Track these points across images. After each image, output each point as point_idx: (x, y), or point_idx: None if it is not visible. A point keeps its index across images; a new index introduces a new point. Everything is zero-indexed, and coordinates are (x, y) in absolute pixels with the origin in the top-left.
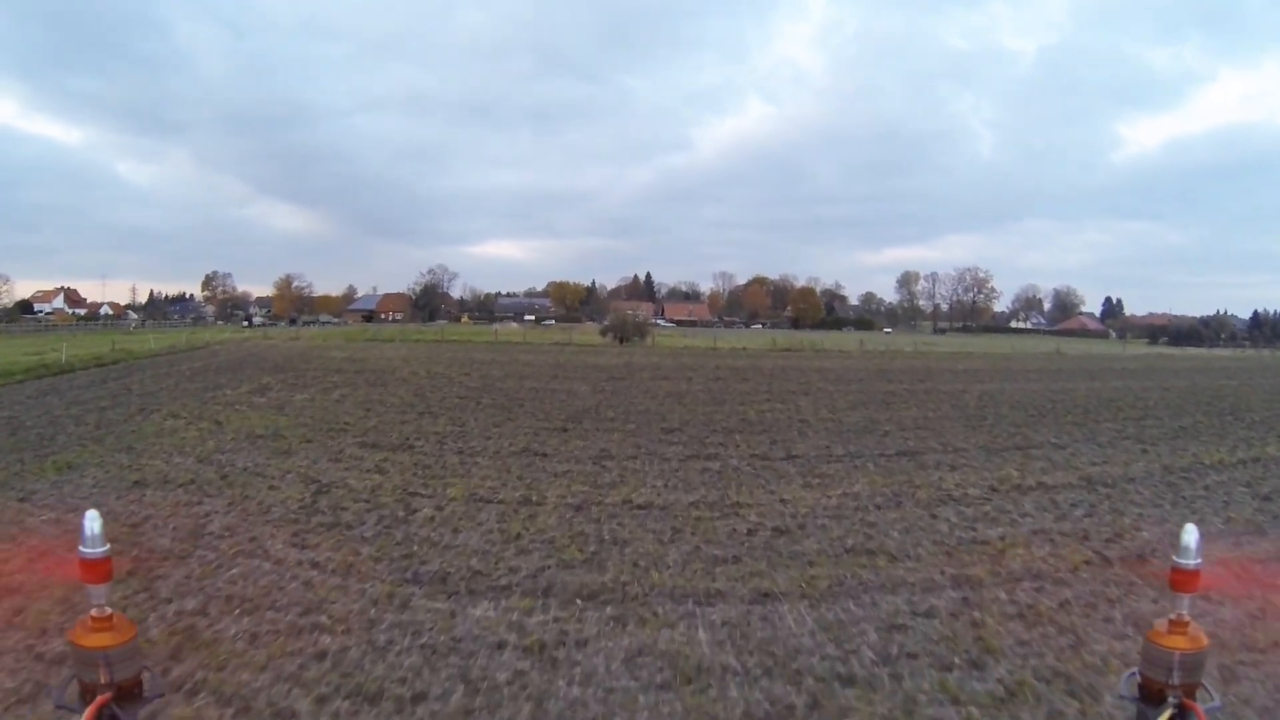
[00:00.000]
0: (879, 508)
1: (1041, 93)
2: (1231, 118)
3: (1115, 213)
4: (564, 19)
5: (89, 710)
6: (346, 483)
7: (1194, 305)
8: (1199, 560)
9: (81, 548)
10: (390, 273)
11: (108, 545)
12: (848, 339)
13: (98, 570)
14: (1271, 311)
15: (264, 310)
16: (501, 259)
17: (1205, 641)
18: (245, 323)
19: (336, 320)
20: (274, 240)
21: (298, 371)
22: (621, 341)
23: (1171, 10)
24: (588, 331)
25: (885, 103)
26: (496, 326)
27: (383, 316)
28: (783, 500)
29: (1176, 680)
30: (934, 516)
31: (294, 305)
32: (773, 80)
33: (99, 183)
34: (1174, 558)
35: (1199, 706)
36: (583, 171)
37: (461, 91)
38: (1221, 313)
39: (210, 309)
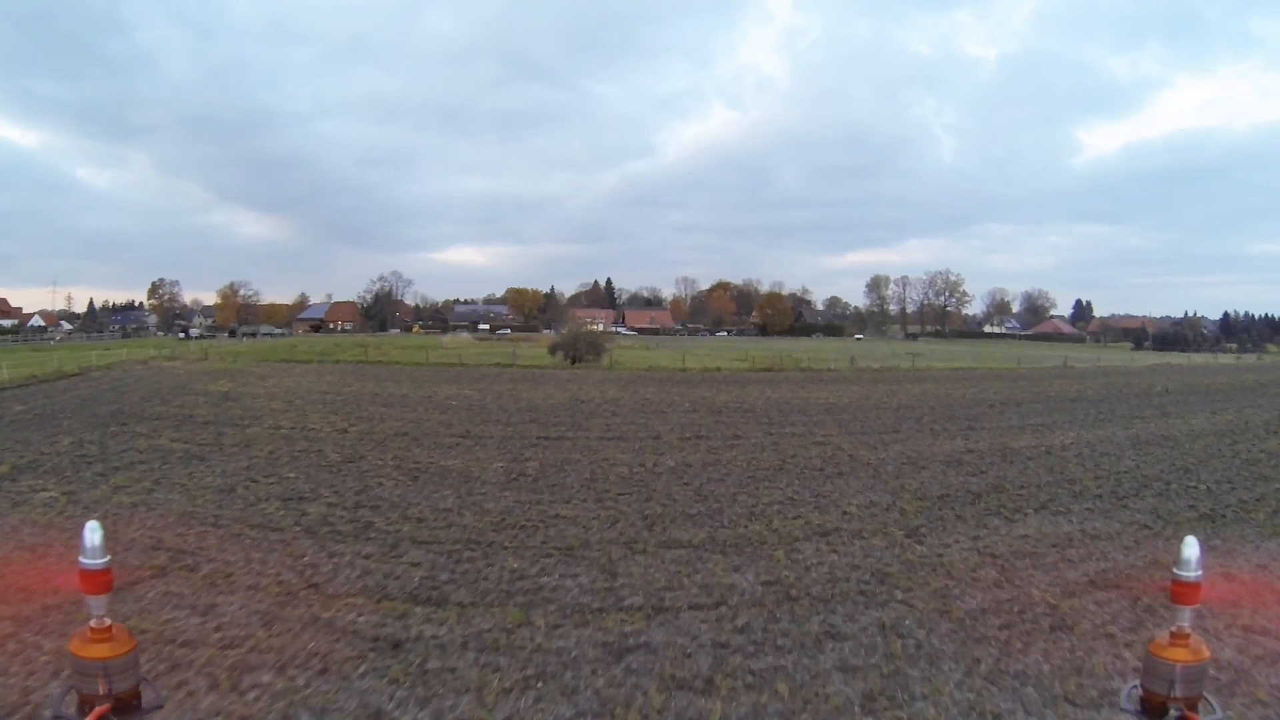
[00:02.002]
0: None
1: (1003, 99)
2: (1189, 124)
3: (1076, 216)
4: (531, 24)
5: None
6: None
7: (1154, 306)
8: (1199, 573)
9: (81, 559)
10: (352, 280)
11: (108, 556)
12: (822, 347)
13: (97, 581)
14: (1241, 313)
15: (209, 320)
16: (464, 265)
17: (1207, 654)
18: (181, 334)
19: (280, 331)
20: (235, 248)
21: (131, 421)
22: (574, 361)
23: (1130, 18)
24: (540, 344)
25: (849, 108)
26: (446, 338)
27: (331, 326)
28: None
29: (1178, 693)
30: None
31: (239, 315)
32: (737, 86)
33: (57, 188)
34: (1174, 570)
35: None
36: (548, 177)
37: (428, 97)
38: (1191, 314)
39: (153, 319)
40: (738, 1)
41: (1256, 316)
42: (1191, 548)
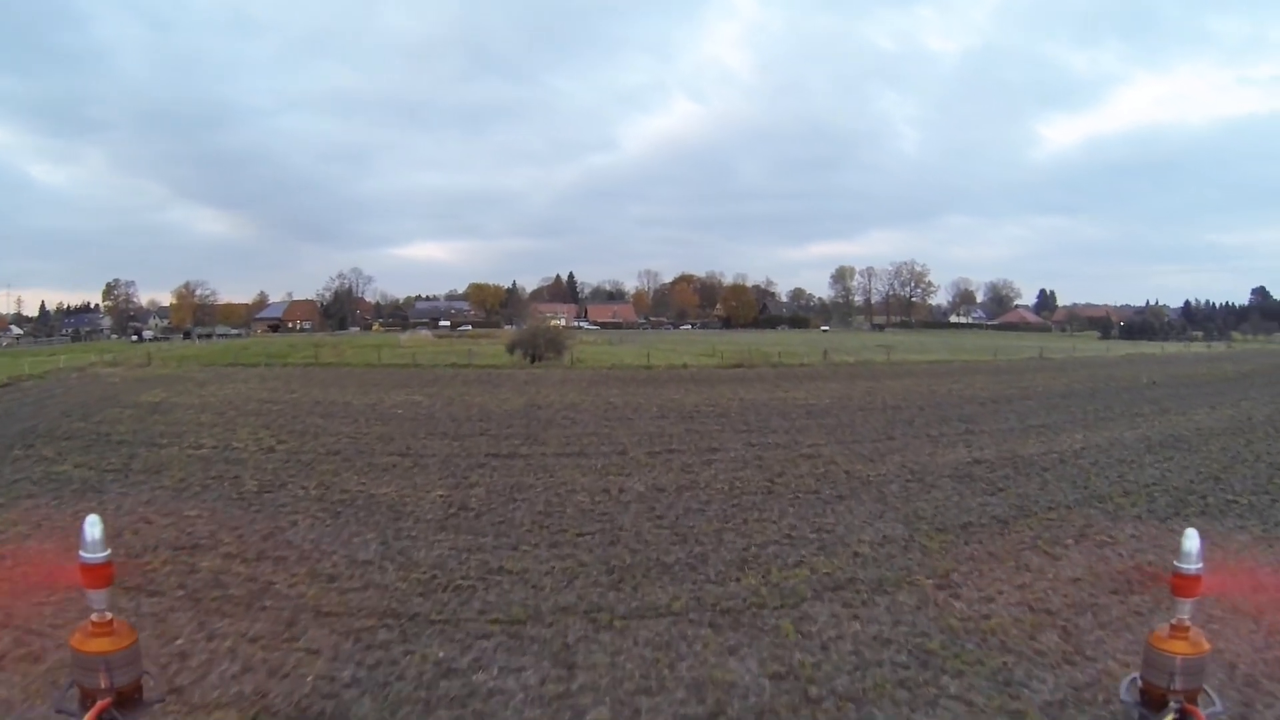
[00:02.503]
0: None
1: (964, 93)
2: (1145, 119)
3: (1036, 208)
4: (493, 18)
5: (89, 715)
6: None
7: (1112, 295)
8: (1200, 565)
9: (82, 553)
10: (314, 278)
11: (109, 550)
12: (790, 339)
13: (98, 575)
14: (1203, 301)
15: (165, 321)
16: (427, 261)
17: (1206, 646)
18: (134, 337)
19: (236, 331)
20: (195, 246)
21: (40, 442)
22: (533, 360)
23: (1090, 15)
24: (501, 340)
25: (812, 101)
26: (405, 336)
27: (290, 325)
28: None
29: (1178, 685)
30: None
31: (195, 315)
32: (700, 79)
33: (11, 185)
34: (1175, 563)
35: (1200, 712)
36: (509, 172)
37: (389, 92)
38: (1154, 303)
39: (108, 321)
40: None
41: (1216, 305)
42: (1192, 540)
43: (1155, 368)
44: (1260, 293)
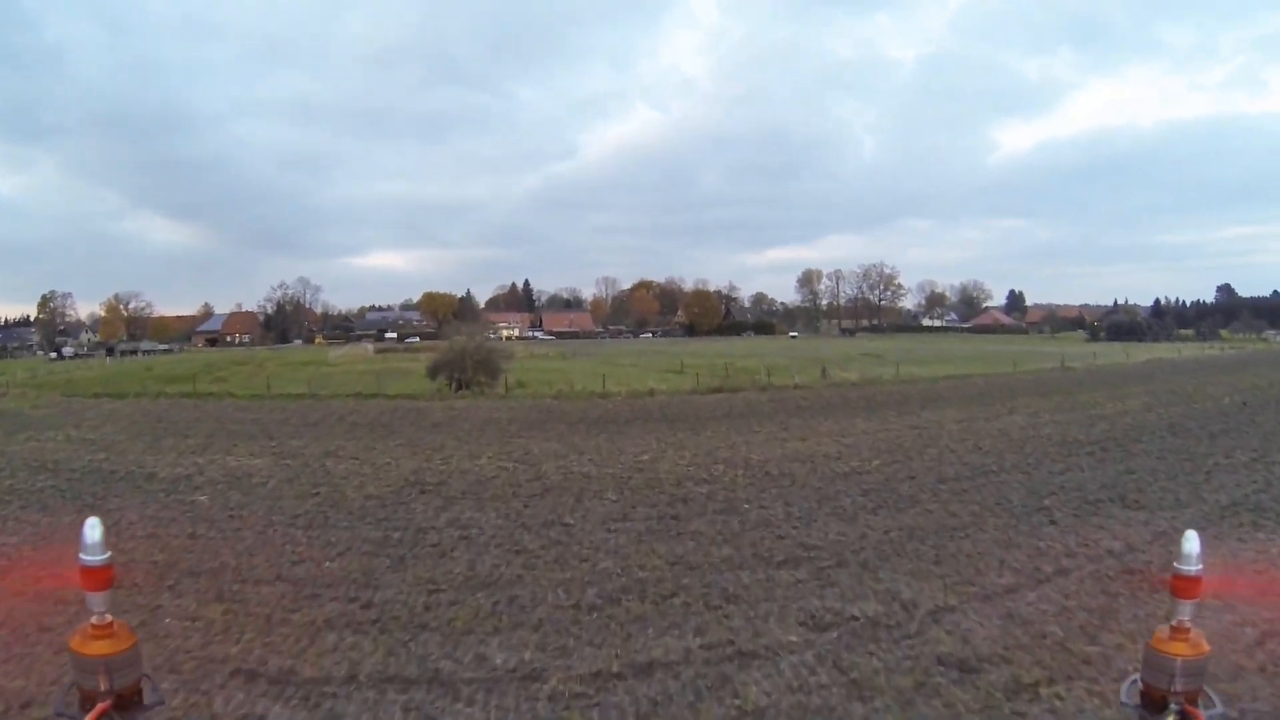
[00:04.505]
0: None
1: (921, 100)
2: (1097, 123)
3: (992, 211)
4: (454, 26)
5: (89, 717)
6: None
7: (1070, 295)
8: (1200, 566)
9: (82, 555)
10: (267, 288)
11: (109, 553)
12: (760, 348)
13: (98, 578)
14: (1172, 300)
15: (94, 336)
16: (386, 270)
17: (1207, 648)
18: (54, 354)
19: (165, 347)
20: (148, 256)
21: None
22: (459, 387)
23: (1043, 24)
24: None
25: (771, 109)
26: (339, 351)
27: (229, 339)
28: None
29: (1178, 687)
30: None
31: (127, 329)
32: (660, 87)
33: None
34: (1175, 564)
35: (1201, 713)
36: (469, 181)
37: (350, 99)
38: (1122, 302)
39: (36, 335)
40: (660, 4)
41: (1186, 303)
42: (1192, 541)
43: (1200, 377)
44: (1226, 290)
